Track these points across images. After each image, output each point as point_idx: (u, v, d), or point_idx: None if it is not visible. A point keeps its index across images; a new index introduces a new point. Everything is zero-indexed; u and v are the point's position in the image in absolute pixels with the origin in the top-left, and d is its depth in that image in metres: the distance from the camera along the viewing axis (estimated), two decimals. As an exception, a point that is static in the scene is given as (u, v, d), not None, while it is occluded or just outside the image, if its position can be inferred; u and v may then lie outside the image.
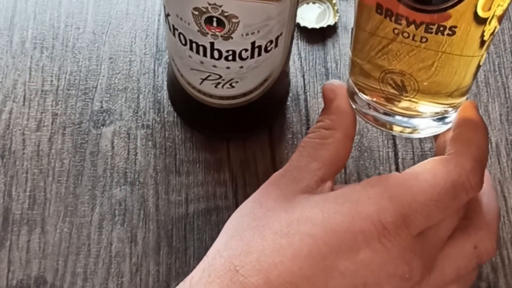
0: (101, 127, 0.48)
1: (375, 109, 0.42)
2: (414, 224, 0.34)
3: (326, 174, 0.38)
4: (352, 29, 0.43)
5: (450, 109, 0.42)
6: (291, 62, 0.48)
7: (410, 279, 0.34)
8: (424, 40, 0.37)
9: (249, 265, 0.34)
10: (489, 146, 0.48)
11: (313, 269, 0.34)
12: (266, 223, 0.36)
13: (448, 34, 0.36)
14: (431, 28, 0.36)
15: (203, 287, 0.35)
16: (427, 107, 0.41)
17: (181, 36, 0.38)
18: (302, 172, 0.38)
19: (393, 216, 0.34)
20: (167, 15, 0.39)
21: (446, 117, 0.43)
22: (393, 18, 0.36)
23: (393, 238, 0.34)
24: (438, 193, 0.34)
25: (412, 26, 0.36)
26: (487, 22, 0.35)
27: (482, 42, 0.37)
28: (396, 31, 0.37)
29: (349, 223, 0.34)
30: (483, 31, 0.36)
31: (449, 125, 0.42)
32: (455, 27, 0.37)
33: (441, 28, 0.36)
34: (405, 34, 0.37)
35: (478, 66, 0.40)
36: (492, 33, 0.37)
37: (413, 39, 0.37)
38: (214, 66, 0.39)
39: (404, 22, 0.36)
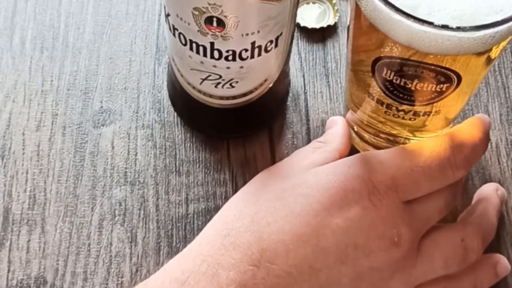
0: (101, 127, 0.48)
1: (374, 147, 0.45)
2: (402, 188, 0.36)
3: None
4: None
5: (444, 132, 0.44)
6: (291, 62, 0.48)
7: (399, 245, 0.36)
8: (413, 119, 0.39)
9: (241, 228, 0.36)
10: (489, 146, 0.48)
11: (305, 227, 0.35)
12: (260, 194, 0.38)
13: (436, 112, 0.38)
14: (419, 113, 0.39)
15: (194, 254, 0.36)
16: (420, 139, 0.43)
17: (181, 36, 0.38)
18: (293, 164, 0.40)
19: (382, 176, 0.36)
20: (167, 15, 0.39)
21: None
22: (384, 105, 0.39)
23: (382, 198, 0.36)
24: (424, 160, 0.36)
25: (402, 112, 0.39)
26: (490, 58, 0.36)
27: (488, 63, 0.37)
28: (387, 113, 0.40)
29: (341, 182, 0.36)
30: (486, 63, 0.37)
31: None
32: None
33: (428, 112, 0.39)
34: (395, 116, 0.39)
35: None
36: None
37: (402, 118, 0.39)
38: (214, 66, 0.39)
39: (394, 109, 0.38)
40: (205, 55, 0.39)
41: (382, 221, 0.36)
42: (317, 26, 0.51)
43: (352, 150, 0.46)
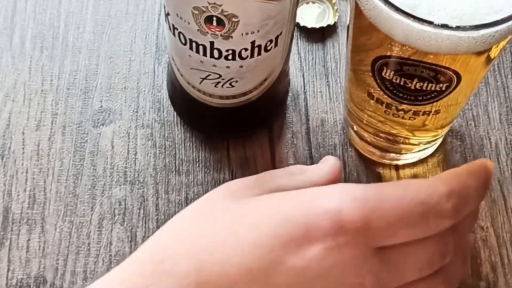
0: (101, 127, 0.48)
1: (374, 146, 0.45)
2: (375, 232, 0.31)
3: None
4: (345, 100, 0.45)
5: (443, 132, 0.44)
6: (291, 62, 0.48)
7: None
8: (412, 119, 0.39)
9: (179, 254, 0.32)
10: (489, 146, 0.48)
11: (257, 262, 0.31)
12: (210, 214, 0.34)
13: (435, 112, 0.38)
14: (419, 112, 0.39)
15: (118, 280, 0.32)
16: (419, 139, 0.44)
17: (181, 36, 0.38)
18: (258, 184, 0.36)
19: (354, 216, 0.31)
20: (167, 15, 0.39)
21: (437, 139, 0.45)
22: (383, 105, 0.39)
23: (349, 240, 0.31)
24: (404, 205, 0.31)
25: (402, 111, 0.39)
26: (490, 57, 0.36)
27: (487, 63, 0.37)
28: (387, 112, 0.40)
29: (305, 215, 0.31)
30: (485, 63, 0.37)
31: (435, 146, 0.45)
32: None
33: (427, 112, 0.39)
34: (395, 115, 0.39)
35: None
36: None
37: (402, 118, 0.39)
38: (214, 65, 0.39)
39: (394, 108, 0.38)
40: (205, 54, 0.39)
41: (345, 267, 0.31)
42: (317, 26, 0.51)
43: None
